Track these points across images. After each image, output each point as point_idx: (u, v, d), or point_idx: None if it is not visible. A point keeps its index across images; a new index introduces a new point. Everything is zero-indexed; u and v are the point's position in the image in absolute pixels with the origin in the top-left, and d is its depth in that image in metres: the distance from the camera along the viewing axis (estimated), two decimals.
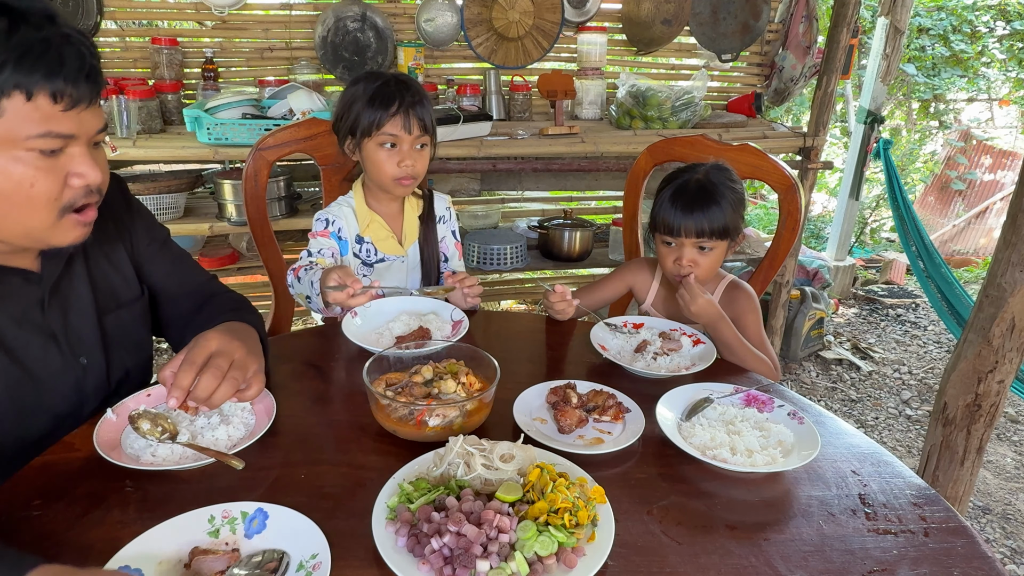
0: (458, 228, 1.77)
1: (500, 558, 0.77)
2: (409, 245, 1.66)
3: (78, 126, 0.87)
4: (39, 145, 0.84)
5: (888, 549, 0.87)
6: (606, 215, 3.61)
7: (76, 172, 0.89)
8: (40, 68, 0.82)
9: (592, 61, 3.17)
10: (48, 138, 0.85)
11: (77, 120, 0.87)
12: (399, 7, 3.02)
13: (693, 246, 1.47)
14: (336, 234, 1.59)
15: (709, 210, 1.44)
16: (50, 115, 0.84)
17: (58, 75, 0.83)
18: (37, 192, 0.86)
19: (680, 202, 1.46)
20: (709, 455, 1.02)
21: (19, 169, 0.85)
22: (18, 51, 0.80)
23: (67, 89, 0.84)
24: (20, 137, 0.83)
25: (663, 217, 1.48)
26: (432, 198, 1.70)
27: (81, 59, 0.86)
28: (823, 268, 3.86)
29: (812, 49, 3.28)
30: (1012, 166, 5.93)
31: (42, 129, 0.84)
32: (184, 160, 2.57)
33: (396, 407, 1.03)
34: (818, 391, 3.35)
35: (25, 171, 0.85)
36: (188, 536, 0.82)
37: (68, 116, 0.86)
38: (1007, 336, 1.83)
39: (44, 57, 0.82)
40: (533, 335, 1.53)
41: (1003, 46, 6.20)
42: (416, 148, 1.51)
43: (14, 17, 0.81)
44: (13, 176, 0.84)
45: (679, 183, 1.49)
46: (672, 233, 1.47)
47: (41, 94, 0.82)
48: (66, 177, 0.89)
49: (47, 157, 0.86)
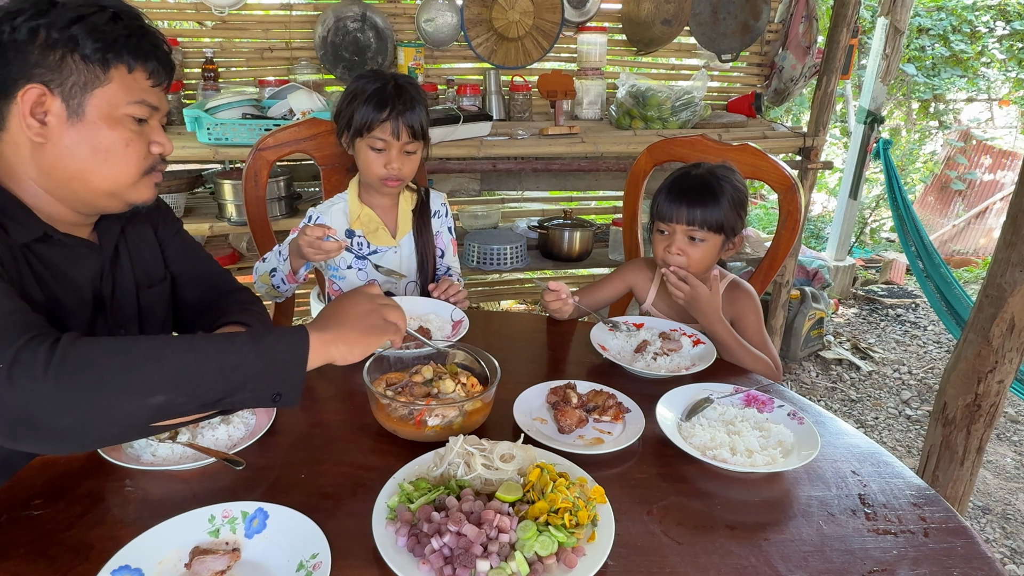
0: (454, 226, 1.80)
1: (500, 558, 0.77)
2: (402, 236, 1.69)
3: (160, 101, 1.04)
4: (134, 112, 1.00)
5: (888, 549, 0.88)
6: (606, 215, 3.61)
7: (156, 140, 1.05)
8: (142, 49, 0.98)
9: (592, 61, 3.17)
10: (142, 106, 1.00)
11: (160, 96, 1.04)
12: (399, 7, 3.02)
13: (684, 234, 1.46)
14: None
15: (705, 201, 1.44)
16: (144, 88, 1.00)
17: (152, 56, 1.00)
18: (132, 150, 1.01)
19: (677, 190, 1.47)
20: (709, 455, 1.02)
21: (119, 129, 0.99)
22: (124, 32, 0.96)
23: (158, 68, 1.01)
24: (121, 102, 0.98)
25: (658, 203, 1.49)
26: (428, 194, 1.73)
27: (166, 46, 1.03)
28: (823, 268, 3.87)
29: (812, 49, 3.28)
30: (1012, 166, 5.93)
31: (138, 97, 0.99)
32: (184, 160, 2.57)
33: (396, 407, 1.03)
34: (818, 391, 3.35)
35: (123, 132, 0.99)
36: (188, 536, 0.83)
37: (155, 92, 1.02)
38: (1007, 336, 1.83)
39: (143, 41, 0.99)
40: (533, 335, 1.53)
41: (1003, 46, 6.21)
42: (404, 153, 1.55)
43: (117, 8, 0.97)
44: (114, 135, 0.99)
45: (680, 174, 1.50)
46: (665, 219, 1.48)
47: (139, 69, 0.99)
48: (148, 144, 1.04)
49: (137, 123, 1.01)
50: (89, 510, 0.88)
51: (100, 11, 0.95)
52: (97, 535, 0.84)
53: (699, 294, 1.43)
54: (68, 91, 0.94)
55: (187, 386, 0.80)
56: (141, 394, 0.77)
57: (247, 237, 2.99)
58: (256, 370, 0.83)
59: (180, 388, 0.79)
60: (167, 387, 0.79)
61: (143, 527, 0.82)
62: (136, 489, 0.92)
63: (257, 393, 0.84)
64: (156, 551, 0.80)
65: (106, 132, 0.98)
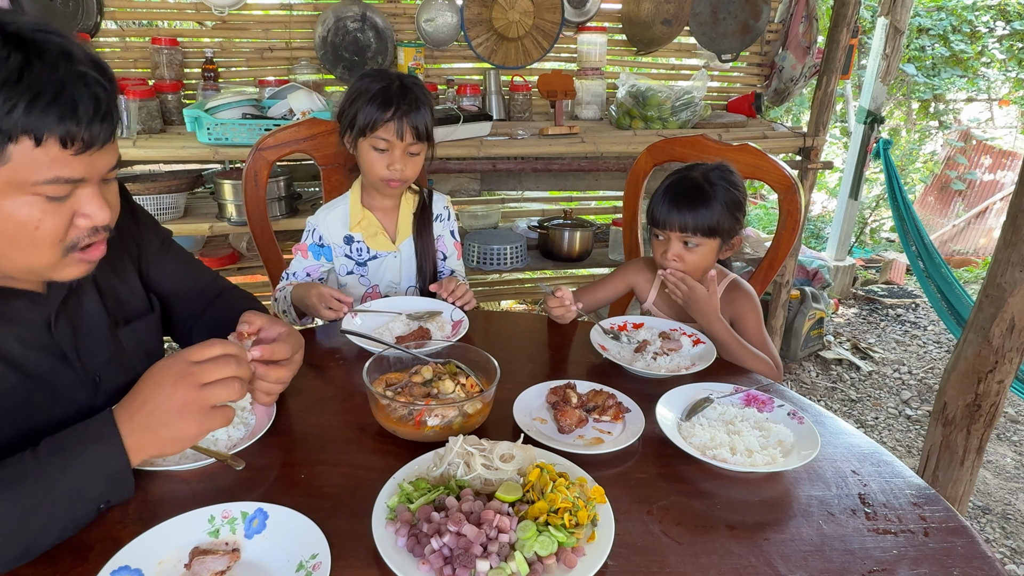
0: (457, 228, 1.78)
1: (500, 558, 0.77)
2: (402, 241, 1.68)
3: (88, 168, 0.83)
4: (47, 191, 0.81)
5: (888, 549, 0.87)
6: (606, 215, 3.61)
7: (84, 213, 0.86)
8: (52, 113, 0.77)
9: (592, 61, 3.17)
10: (56, 184, 0.81)
11: (88, 162, 0.83)
12: (399, 7, 3.02)
13: (679, 240, 1.48)
14: (316, 244, 1.66)
15: (697, 207, 1.45)
16: (59, 160, 0.80)
17: (70, 119, 0.78)
18: (42, 234, 0.83)
19: (670, 196, 1.48)
20: (709, 455, 1.02)
21: (24, 212, 0.81)
22: (29, 94, 0.75)
23: (80, 133, 0.79)
24: (27, 182, 0.79)
25: (653, 209, 1.50)
26: (431, 196, 1.72)
27: (96, 101, 0.80)
28: (823, 268, 3.87)
29: (812, 49, 3.28)
30: (1012, 166, 5.93)
31: (50, 175, 0.80)
32: (184, 160, 2.57)
33: (396, 407, 1.03)
34: (818, 391, 3.35)
35: (31, 213, 0.81)
36: (188, 536, 0.82)
37: (79, 160, 0.81)
38: (1007, 336, 1.83)
39: (56, 101, 0.77)
40: (533, 335, 1.53)
41: (1003, 46, 6.21)
42: (407, 154, 1.53)
43: (29, 53, 0.76)
44: (17, 219, 0.81)
45: (676, 178, 1.51)
46: (658, 226, 1.50)
47: (51, 139, 0.78)
48: (72, 216, 0.85)
49: (54, 200, 0.82)
50: None
51: (1, 63, 0.75)
52: (97, 535, 0.84)
53: (697, 295, 1.43)
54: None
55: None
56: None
57: (247, 237, 2.99)
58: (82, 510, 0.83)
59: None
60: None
61: (143, 527, 0.82)
62: (136, 490, 0.92)
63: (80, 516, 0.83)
64: (156, 551, 0.80)
65: (9, 216, 0.80)
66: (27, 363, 0.95)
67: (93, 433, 0.84)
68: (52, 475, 0.80)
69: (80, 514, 0.83)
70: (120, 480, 0.85)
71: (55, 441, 0.83)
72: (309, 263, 1.66)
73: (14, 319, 0.94)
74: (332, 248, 1.66)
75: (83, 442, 0.83)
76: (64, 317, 1.00)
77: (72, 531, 0.83)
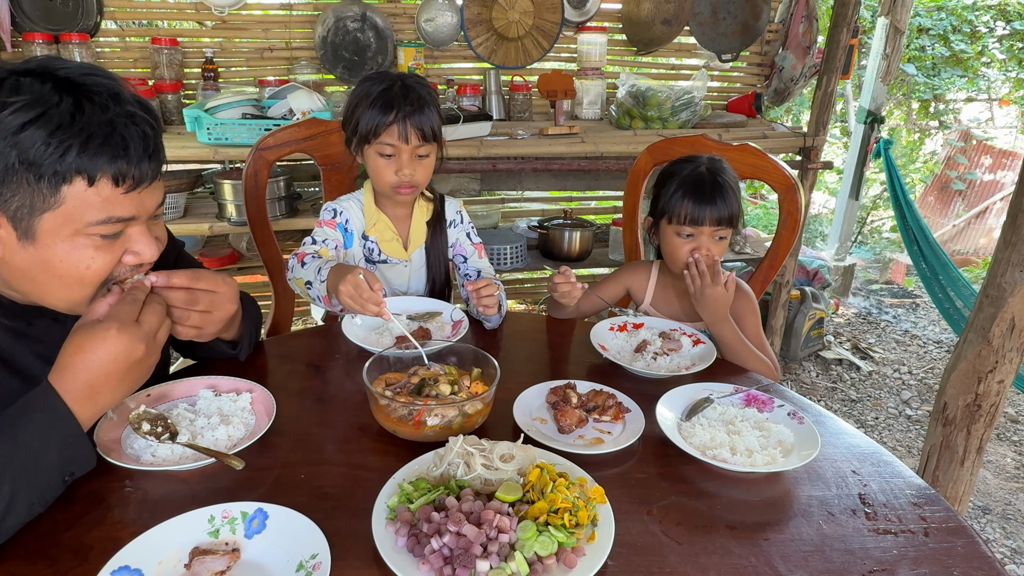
0: (474, 230, 1.69)
1: (500, 558, 0.77)
2: (414, 249, 1.62)
3: (139, 206, 0.86)
4: (100, 231, 0.84)
5: (888, 549, 0.87)
6: (606, 215, 3.61)
7: (133, 251, 0.89)
8: (104, 153, 0.80)
9: (592, 61, 3.17)
10: (109, 224, 0.84)
11: (138, 200, 0.86)
12: (399, 7, 3.02)
13: (711, 235, 1.49)
14: (343, 225, 1.56)
15: (725, 199, 1.47)
16: (111, 199, 0.83)
17: (122, 158, 0.81)
18: (91, 274, 0.86)
19: (698, 193, 1.47)
20: (709, 455, 1.02)
21: (77, 253, 0.84)
22: (82, 136, 0.78)
23: (130, 171, 0.82)
24: (81, 223, 0.82)
25: (681, 210, 1.48)
26: (443, 202, 1.65)
27: (145, 139, 0.84)
28: (823, 268, 3.86)
29: (812, 49, 3.28)
30: (1012, 166, 5.93)
31: (103, 215, 0.83)
32: (184, 160, 2.57)
33: (395, 407, 1.03)
34: (818, 391, 3.35)
35: (83, 254, 0.84)
36: (188, 536, 0.82)
37: (129, 198, 0.84)
38: (1007, 336, 1.83)
39: (108, 141, 0.80)
40: (533, 335, 1.53)
41: (1003, 46, 6.20)
42: (415, 157, 1.46)
43: (79, 96, 0.79)
44: (71, 260, 0.84)
45: (691, 175, 1.50)
46: (695, 223, 1.48)
47: (103, 179, 0.81)
48: (122, 254, 0.89)
49: (107, 239, 0.85)
50: (89, 510, 0.88)
51: (54, 108, 0.77)
52: (97, 535, 0.84)
53: (717, 293, 1.42)
54: (13, 213, 0.81)
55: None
56: None
57: (247, 237, 2.99)
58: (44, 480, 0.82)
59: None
60: None
61: (143, 528, 0.81)
62: (136, 490, 0.92)
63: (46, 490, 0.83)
64: (156, 551, 0.80)
65: (62, 256, 0.83)
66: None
67: (35, 403, 0.83)
68: (4, 450, 0.80)
69: (45, 487, 0.83)
70: (74, 444, 0.85)
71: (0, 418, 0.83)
72: (335, 233, 1.54)
73: (39, 338, 0.96)
74: (352, 235, 1.58)
75: (26, 412, 0.82)
76: None
77: (41, 506, 0.83)
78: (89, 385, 0.84)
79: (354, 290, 1.20)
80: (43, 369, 0.94)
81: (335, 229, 1.55)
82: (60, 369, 0.85)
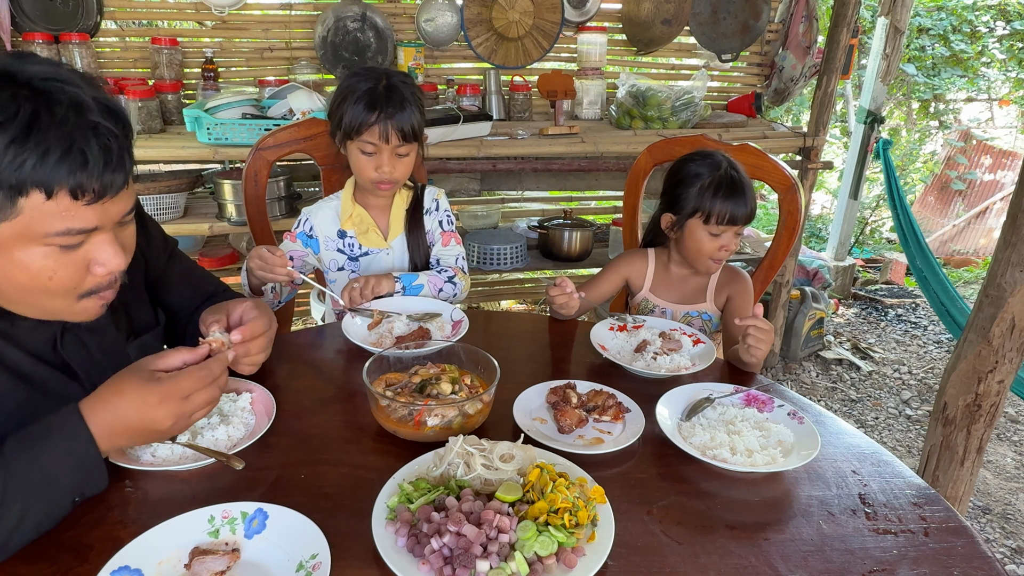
0: (450, 218, 1.71)
1: (500, 558, 0.77)
2: (394, 238, 1.67)
3: (102, 217, 0.83)
4: (59, 242, 0.81)
5: (888, 549, 0.87)
6: (606, 215, 3.61)
7: (98, 260, 0.86)
8: (62, 167, 0.77)
9: (592, 61, 3.17)
10: (68, 235, 0.81)
11: (101, 211, 0.83)
12: (399, 7, 3.02)
13: (736, 233, 1.54)
14: (305, 233, 1.66)
15: (746, 198, 1.52)
16: (71, 211, 0.80)
17: (81, 172, 0.78)
18: (56, 284, 0.84)
19: (733, 194, 1.51)
20: (709, 455, 1.02)
21: (38, 263, 0.81)
22: (39, 149, 0.75)
23: (91, 184, 0.79)
24: (39, 234, 0.79)
25: (721, 209, 1.51)
26: (423, 191, 1.70)
27: (107, 152, 0.80)
28: (823, 268, 3.86)
29: (812, 49, 3.28)
30: (1012, 166, 5.93)
31: (62, 227, 0.80)
32: (184, 160, 2.56)
33: (396, 407, 1.03)
34: (818, 391, 3.35)
35: (44, 264, 0.82)
36: (188, 536, 0.82)
37: (91, 209, 0.81)
38: (1007, 336, 1.83)
39: (67, 156, 0.77)
40: (533, 335, 1.53)
41: (1003, 46, 6.21)
42: (395, 156, 1.52)
43: (38, 106, 0.76)
44: (31, 269, 0.82)
45: (723, 176, 1.52)
46: (732, 222, 1.52)
47: (62, 192, 0.78)
48: (88, 265, 0.86)
49: (67, 249, 0.83)
50: (89, 511, 0.88)
51: (10, 119, 0.74)
52: (97, 536, 0.84)
53: (771, 337, 1.34)
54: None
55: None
56: None
57: (247, 237, 2.98)
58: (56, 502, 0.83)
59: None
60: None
61: (143, 528, 0.81)
62: (136, 490, 0.92)
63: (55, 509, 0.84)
64: (156, 552, 0.80)
65: (22, 266, 0.81)
66: (36, 378, 0.96)
67: (58, 425, 0.83)
68: (21, 469, 0.80)
69: (54, 507, 0.83)
70: (90, 470, 0.85)
71: (21, 436, 0.83)
72: (295, 247, 1.65)
73: (21, 337, 0.95)
74: (321, 241, 1.66)
75: (49, 434, 0.83)
76: (72, 334, 1.00)
77: (48, 525, 0.83)
78: (110, 426, 0.86)
79: (259, 260, 1.34)
80: (34, 365, 0.95)
81: (296, 241, 1.65)
82: (95, 399, 0.86)
